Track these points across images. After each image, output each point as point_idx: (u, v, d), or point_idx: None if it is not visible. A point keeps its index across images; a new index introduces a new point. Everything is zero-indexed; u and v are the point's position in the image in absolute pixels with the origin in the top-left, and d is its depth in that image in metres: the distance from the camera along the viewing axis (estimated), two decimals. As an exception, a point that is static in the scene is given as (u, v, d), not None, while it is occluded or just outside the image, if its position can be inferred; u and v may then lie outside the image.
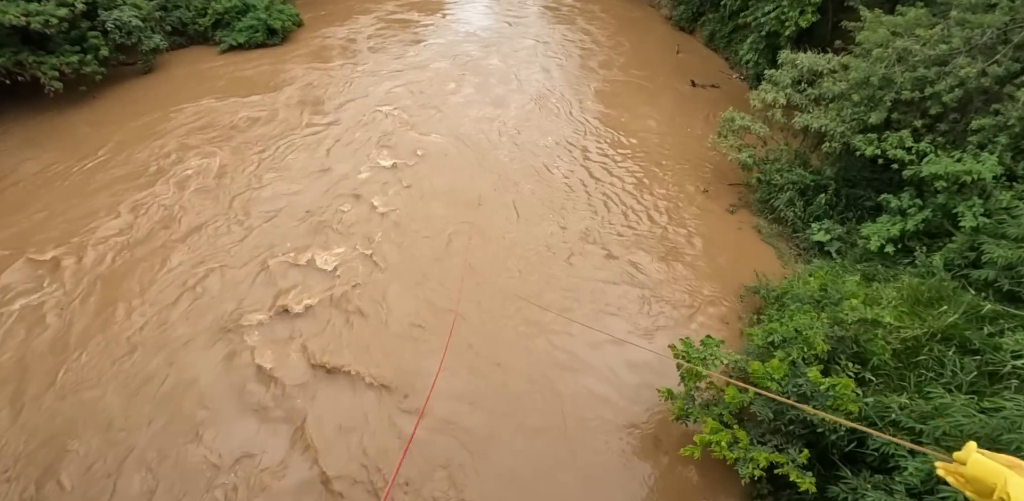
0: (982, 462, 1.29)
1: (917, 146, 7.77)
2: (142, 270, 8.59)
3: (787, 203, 9.42)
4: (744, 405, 5.52)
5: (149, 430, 6.44)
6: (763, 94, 9.91)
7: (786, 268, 8.73)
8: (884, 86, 8.30)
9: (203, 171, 10.97)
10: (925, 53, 7.97)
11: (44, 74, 12.20)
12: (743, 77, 15.11)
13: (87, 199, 10.19)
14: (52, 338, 7.51)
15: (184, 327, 7.68)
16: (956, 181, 7.03)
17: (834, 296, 6.55)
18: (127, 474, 6.03)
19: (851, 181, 9.08)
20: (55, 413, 6.60)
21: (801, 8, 11.89)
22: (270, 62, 15.83)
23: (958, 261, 6.70)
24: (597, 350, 7.46)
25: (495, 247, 9.20)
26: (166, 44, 15.17)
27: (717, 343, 5.97)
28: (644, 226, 9.73)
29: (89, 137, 12.12)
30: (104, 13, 13.31)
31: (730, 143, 10.13)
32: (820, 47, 11.06)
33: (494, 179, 10.88)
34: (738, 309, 8.06)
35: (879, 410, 5.11)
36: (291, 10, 17.72)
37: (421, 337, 7.63)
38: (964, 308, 5.60)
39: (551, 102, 13.88)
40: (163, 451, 6.23)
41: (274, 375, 7.05)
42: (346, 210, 9.89)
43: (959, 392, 4.95)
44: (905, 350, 5.63)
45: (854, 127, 8.53)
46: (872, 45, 8.63)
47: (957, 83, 7.53)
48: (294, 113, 13.19)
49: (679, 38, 17.96)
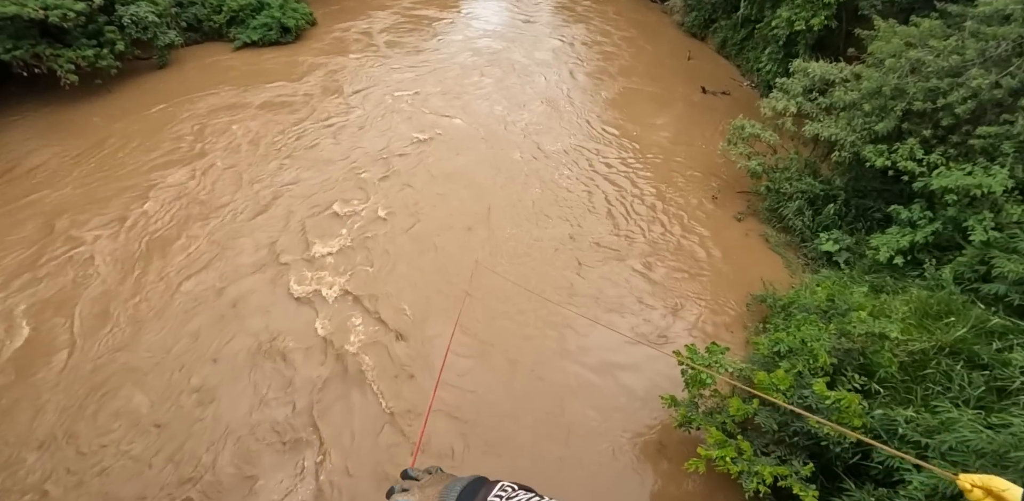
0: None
1: (928, 158, 7.73)
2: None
3: (796, 212, 9.38)
4: (749, 415, 5.50)
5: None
6: (774, 102, 9.89)
7: (793, 277, 8.69)
8: (896, 96, 8.27)
9: (237, 140, 11.69)
10: (938, 64, 7.94)
11: (60, 67, 12.33)
12: (754, 85, 15.09)
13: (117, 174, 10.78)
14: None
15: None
16: (966, 194, 6.99)
17: (841, 307, 6.52)
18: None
19: (861, 191, 9.04)
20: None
21: (814, 11, 11.85)
22: (285, 58, 16.02)
23: (968, 275, 6.66)
24: (602, 353, 7.46)
25: (499, 244, 9.22)
26: (181, 40, 15.31)
27: (722, 350, 5.95)
28: (650, 231, 9.72)
29: (103, 127, 12.32)
30: (121, 8, 13.45)
31: (740, 151, 10.11)
32: (833, 56, 11.05)
33: (502, 180, 10.91)
34: (744, 317, 8.03)
35: (885, 423, 5.08)
36: (305, 9, 17.82)
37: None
38: (973, 322, 5.57)
39: (560, 104, 13.91)
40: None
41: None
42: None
43: (966, 407, 4.92)
44: (912, 363, 5.60)
45: (864, 137, 8.49)
46: (885, 55, 8.60)
47: (970, 94, 7.50)
48: (317, 97, 13.71)
49: (690, 44, 17.95)
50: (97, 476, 6.03)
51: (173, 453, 6.25)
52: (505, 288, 8.21)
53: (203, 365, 7.21)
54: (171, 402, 6.77)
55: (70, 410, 6.66)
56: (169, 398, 6.82)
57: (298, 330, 7.71)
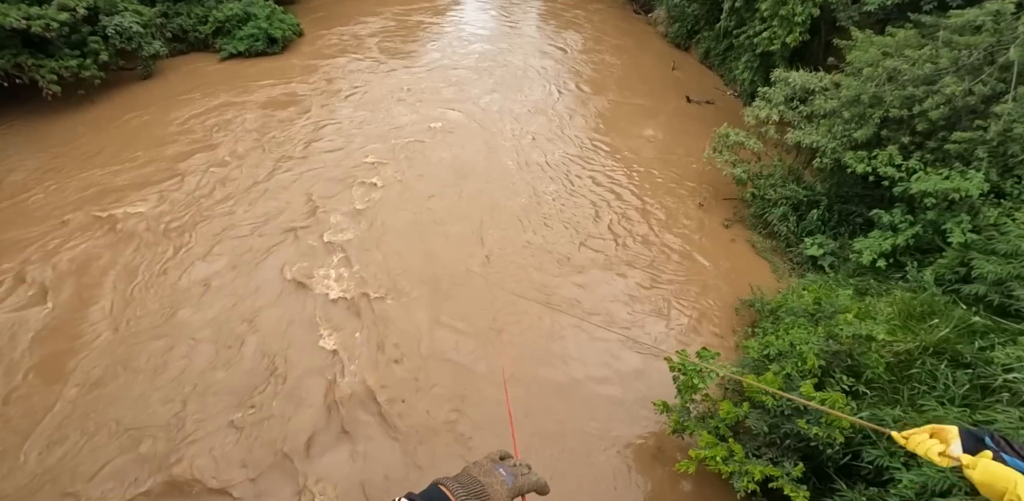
0: (992, 467, 1.33)
1: (907, 163, 7.94)
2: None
3: (781, 218, 9.55)
4: (740, 418, 5.52)
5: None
6: (757, 111, 10.11)
7: (780, 282, 8.82)
8: (874, 104, 8.51)
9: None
10: (914, 72, 8.20)
11: (43, 77, 12.16)
12: (737, 94, 15.40)
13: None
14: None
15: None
16: (945, 198, 7.18)
17: (828, 310, 6.61)
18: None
19: (843, 197, 9.24)
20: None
21: (789, 28, 12.22)
22: (272, 67, 16.03)
23: (949, 276, 6.81)
24: (592, 358, 7.47)
25: (491, 250, 9.23)
26: (166, 50, 15.21)
27: (713, 355, 5.98)
28: (639, 239, 9.81)
29: (86, 137, 12.16)
30: (105, 18, 13.36)
31: (725, 158, 10.29)
32: (813, 65, 11.37)
33: (491, 189, 10.95)
34: (733, 322, 8.11)
35: (873, 422, 5.13)
36: (292, 20, 17.87)
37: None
38: (955, 322, 5.67)
39: (548, 112, 14.06)
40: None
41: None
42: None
43: (952, 405, 4.99)
44: (898, 363, 5.68)
45: (845, 143, 8.71)
46: (863, 64, 8.86)
47: (944, 101, 7.74)
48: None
49: (674, 55, 18.30)
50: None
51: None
52: (494, 292, 8.23)
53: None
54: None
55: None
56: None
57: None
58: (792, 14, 11.98)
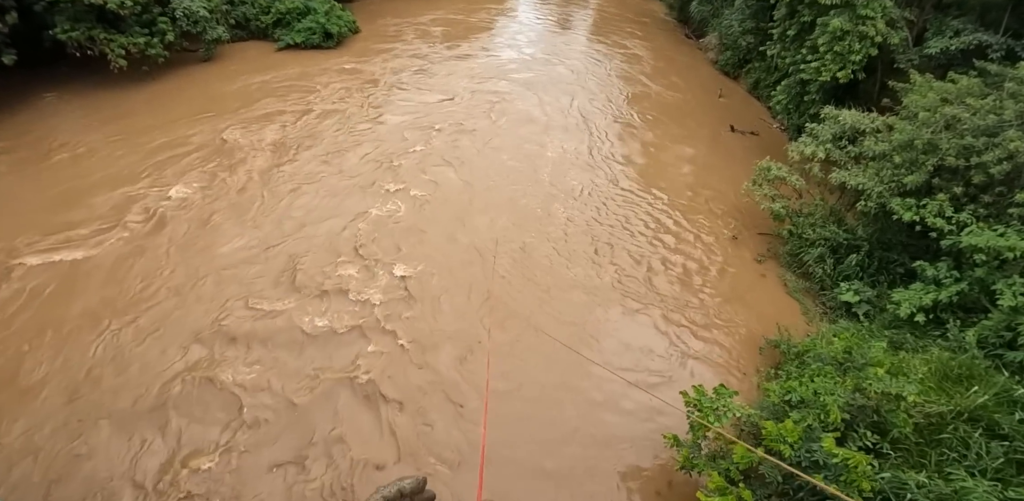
0: None
1: (958, 216, 7.62)
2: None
3: (817, 259, 9.25)
4: (752, 463, 5.31)
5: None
6: (802, 147, 9.87)
7: (810, 325, 8.51)
8: (928, 151, 8.22)
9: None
10: (975, 122, 7.91)
11: (112, 51, 12.79)
12: (783, 127, 15.13)
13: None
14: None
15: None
16: (997, 256, 6.86)
17: (858, 361, 6.33)
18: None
19: (885, 244, 8.91)
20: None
21: (843, 64, 11.90)
22: (326, 60, 16.54)
23: (993, 340, 6.48)
24: (605, 389, 7.28)
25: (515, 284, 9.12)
26: (228, 36, 15.83)
27: (731, 393, 5.78)
28: (667, 268, 9.56)
29: (146, 111, 12.84)
30: (175, 1, 13.95)
31: (764, 192, 10.04)
32: (865, 104, 11.07)
33: (517, 218, 10.56)
34: (757, 361, 7.84)
35: (895, 486, 4.88)
36: (349, 17, 18.37)
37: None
38: (996, 390, 5.38)
39: (593, 137, 13.86)
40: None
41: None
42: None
43: (983, 477, 4.73)
44: (928, 426, 5.41)
45: (893, 188, 8.42)
46: (919, 108, 8.59)
47: (1006, 156, 7.44)
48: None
49: (723, 82, 18.12)
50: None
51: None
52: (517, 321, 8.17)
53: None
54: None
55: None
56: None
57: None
58: (848, 51, 11.72)
